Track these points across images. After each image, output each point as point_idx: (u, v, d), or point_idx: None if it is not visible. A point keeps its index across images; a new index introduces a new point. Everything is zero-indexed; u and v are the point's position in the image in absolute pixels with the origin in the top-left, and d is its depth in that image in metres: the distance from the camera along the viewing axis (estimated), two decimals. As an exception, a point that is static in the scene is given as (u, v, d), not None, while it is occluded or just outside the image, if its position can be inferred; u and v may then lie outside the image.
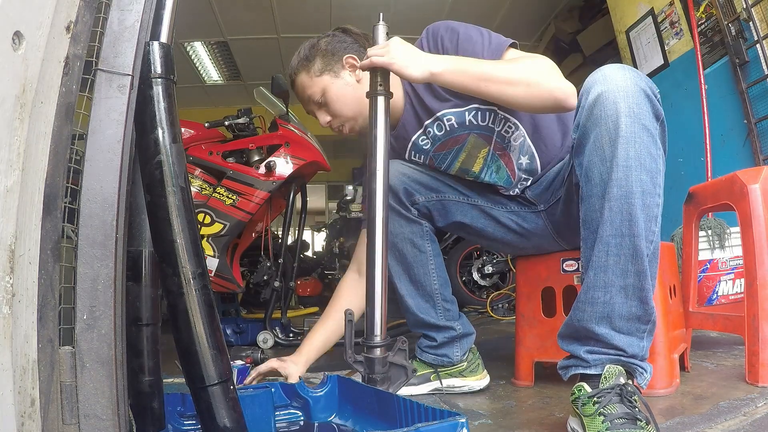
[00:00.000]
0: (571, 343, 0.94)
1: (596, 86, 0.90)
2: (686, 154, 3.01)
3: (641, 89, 0.87)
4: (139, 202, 0.75)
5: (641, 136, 0.86)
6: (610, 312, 0.88)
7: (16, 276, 0.55)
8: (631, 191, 0.85)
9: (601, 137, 0.88)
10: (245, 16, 5.05)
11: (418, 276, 1.35)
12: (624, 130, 0.85)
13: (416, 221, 1.34)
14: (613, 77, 0.88)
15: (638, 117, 0.86)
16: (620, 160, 0.86)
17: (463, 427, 0.72)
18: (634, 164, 0.85)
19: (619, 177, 0.86)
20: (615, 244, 0.87)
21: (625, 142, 0.85)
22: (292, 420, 1.09)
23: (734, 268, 1.95)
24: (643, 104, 0.86)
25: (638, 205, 0.85)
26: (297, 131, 2.45)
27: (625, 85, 0.87)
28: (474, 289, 3.72)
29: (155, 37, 0.76)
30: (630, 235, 0.86)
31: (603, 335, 0.89)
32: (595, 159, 0.89)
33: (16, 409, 0.54)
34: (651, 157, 0.86)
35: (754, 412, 1.01)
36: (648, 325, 0.90)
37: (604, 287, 0.88)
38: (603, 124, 0.88)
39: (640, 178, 0.85)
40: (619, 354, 0.88)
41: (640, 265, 0.86)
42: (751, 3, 2.54)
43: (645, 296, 0.87)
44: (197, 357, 0.71)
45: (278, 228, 4.68)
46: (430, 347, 1.38)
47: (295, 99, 1.54)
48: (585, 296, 0.91)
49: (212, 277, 2.31)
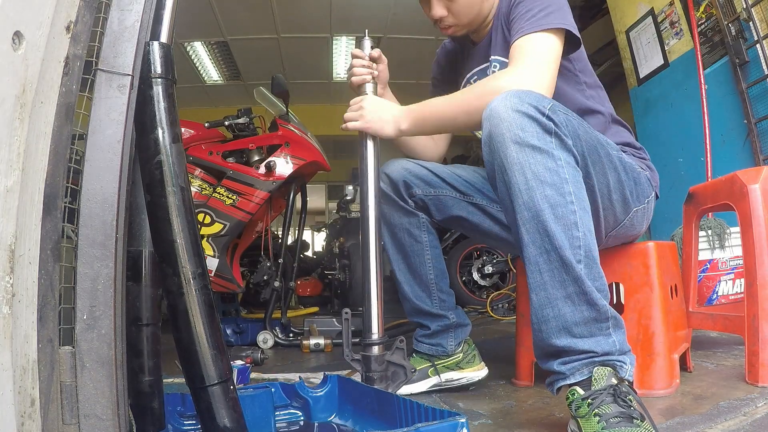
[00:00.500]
0: (546, 361, 0.95)
1: (485, 123, 0.96)
2: (686, 154, 3.01)
3: (522, 113, 0.91)
4: (139, 202, 0.75)
5: (533, 157, 0.90)
6: (564, 324, 0.90)
7: (16, 276, 0.55)
8: (540, 209, 0.89)
9: (500, 169, 0.93)
10: (245, 16, 5.05)
11: (415, 265, 1.39)
12: (514, 157, 0.91)
13: (413, 212, 1.38)
14: (496, 110, 0.93)
15: (525, 140, 0.90)
16: (521, 185, 0.90)
17: (463, 427, 0.72)
18: (534, 184, 0.90)
19: (525, 200, 0.90)
20: (543, 261, 0.90)
21: (519, 168, 0.90)
22: (292, 420, 1.09)
23: (734, 268, 1.96)
24: (527, 127, 0.91)
25: (550, 219, 0.89)
26: (297, 131, 2.45)
27: (506, 115, 0.92)
28: (474, 289, 3.72)
29: (155, 37, 0.76)
30: (553, 249, 0.89)
31: (567, 346, 0.90)
32: (502, 190, 0.95)
33: (16, 409, 0.54)
34: (550, 171, 0.90)
35: (754, 412, 1.01)
36: (608, 322, 0.90)
37: (549, 303, 0.91)
38: (497, 158, 0.93)
39: (544, 194, 0.89)
40: (590, 356, 0.89)
41: (573, 272, 0.88)
42: (751, 3, 2.54)
43: (591, 299, 0.89)
44: (197, 357, 0.71)
45: (278, 228, 4.68)
46: (425, 336, 1.41)
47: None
48: (536, 318, 0.93)
49: (212, 277, 2.31)
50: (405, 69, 6.20)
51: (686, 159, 3.01)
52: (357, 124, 1.26)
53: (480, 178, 1.40)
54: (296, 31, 5.42)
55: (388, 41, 5.52)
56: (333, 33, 5.56)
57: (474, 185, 1.39)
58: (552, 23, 1.12)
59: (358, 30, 5.57)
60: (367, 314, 1.19)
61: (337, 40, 5.74)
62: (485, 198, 1.39)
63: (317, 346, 2.18)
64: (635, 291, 1.23)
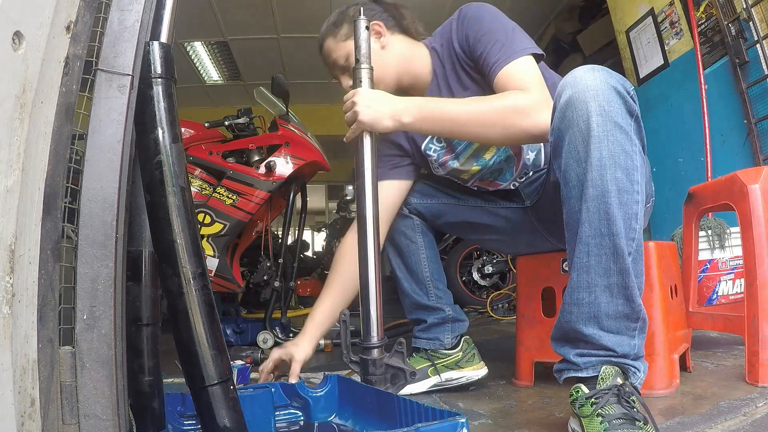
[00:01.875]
0: (563, 345, 0.94)
1: (567, 89, 0.90)
2: (686, 154, 3.01)
3: (612, 87, 0.87)
4: (139, 202, 0.75)
5: (614, 134, 0.85)
6: (596, 312, 0.88)
7: (16, 276, 0.55)
8: (607, 190, 0.85)
9: (575, 138, 0.88)
10: (245, 16, 5.05)
11: (411, 264, 1.44)
12: (596, 129, 0.85)
13: (407, 216, 1.44)
14: (583, 78, 0.89)
15: (610, 115, 0.85)
16: (594, 159, 0.86)
17: (463, 427, 0.72)
18: (608, 163, 0.85)
19: (594, 177, 0.86)
20: (595, 244, 0.87)
21: (597, 141, 0.85)
22: (292, 420, 1.09)
23: (734, 268, 1.96)
24: (614, 102, 0.86)
25: (615, 203, 0.85)
26: (297, 131, 2.45)
27: (594, 84, 0.87)
28: (474, 289, 3.72)
29: (155, 37, 0.76)
30: (609, 235, 0.86)
31: (591, 336, 0.89)
32: (570, 161, 0.90)
33: (16, 409, 0.54)
34: (626, 154, 0.86)
35: (754, 412, 1.01)
36: (638, 323, 0.89)
37: (588, 288, 0.89)
38: (575, 126, 0.88)
39: (615, 176, 0.85)
40: (609, 355, 0.88)
41: (622, 263, 0.86)
42: (751, 3, 2.54)
43: (630, 294, 0.87)
44: (197, 357, 0.71)
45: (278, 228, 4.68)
46: (422, 330, 1.43)
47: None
48: (570, 298, 0.91)
49: (212, 277, 2.31)
50: (405, 69, 6.20)
51: (686, 159, 3.01)
52: (353, 127, 1.18)
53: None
54: (296, 31, 5.41)
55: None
56: (333, 33, 5.55)
57: (464, 190, 1.44)
58: (523, 50, 1.18)
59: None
60: (365, 317, 1.19)
61: (337, 40, 5.73)
62: (476, 198, 1.44)
63: (317, 346, 2.17)
64: (635, 291, 1.23)
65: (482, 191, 1.44)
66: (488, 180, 1.39)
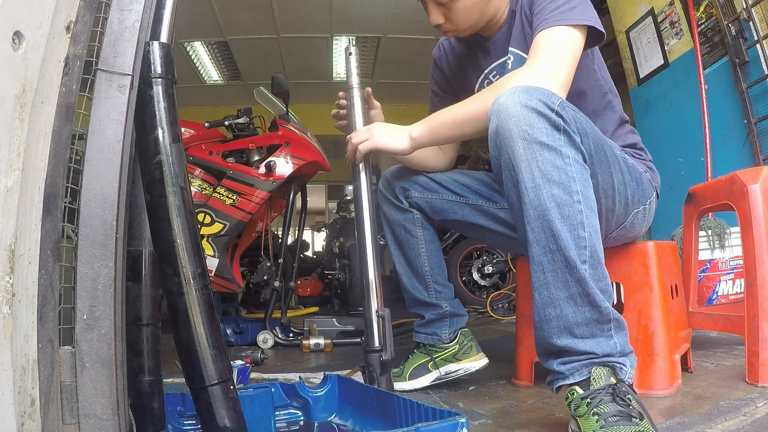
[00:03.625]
0: (546, 359, 0.95)
1: (492, 118, 0.94)
2: (686, 154, 3.01)
3: (531, 109, 0.89)
4: (139, 202, 0.75)
5: (541, 154, 0.88)
6: (565, 323, 0.89)
7: (16, 276, 0.55)
8: (546, 208, 0.88)
9: (507, 165, 0.92)
10: (245, 16, 5.05)
11: (411, 258, 1.45)
12: (522, 154, 0.89)
13: (407, 210, 1.44)
14: (504, 106, 0.91)
15: (533, 137, 0.88)
16: (527, 182, 0.89)
17: (463, 427, 0.72)
18: (542, 182, 0.88)
19: (531, 198, 0.89)
20: (548, 261, 0.89)
21: (527, 164, 0.88)
22: (292, 420, 1.09)
23: (734, 268, 1.96)
24: (535, 123, 0.89)
25: (556, 218, 0.87)
26: (297, 131, 2.45)
27: (515, 111, 0.90)
28: (474, 289, 3.72)
29: (155, 37, 0.76)
30: (558, 250, 0.88)
31: (568, 346, 0.89)
32: (509, 186, 0.93)
33: (16, 409, 0.54)
34: (557, 169, 0.88)
35: (754, 412, 1.01)
36: (610, 324, 0.90)
37: (551, 303, 0.90)
38: (505, 154, 0.92)
39: (551, 193, 0.88)
40: (590, 357, 0.89)
41: (577, 273, 0.88)
42: (751, 3, 2.54)
43: (594, 300, 0.88)
44: (197, 357, 0.71)
45: (278, 228, 4.68)
46: (421, 326, 1.45)
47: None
48: (539, 316, 0.93)
49: (212, 277, 2.31)
50: (405, 69, 6.21)
51: (686, 159, 3.01)
52: (367, 143, 1.24)
53: (476, 181, 1.43)
54: (296, 31, 5.42)
55: (388, 41, 5.51)
56: (333, 33, 5.56)
57: (470, 187, 1.43)
58: (575, 18, 1.09)
59: (358, 30, 5.58)
60: (368, 322, 1.19)
61: (337, 40, 5.73)
62: (481, 198, 1.42)
63: (317, 346, 2.18)
64: (635, 291, 1.23)
65: (482, 192, 1.43)
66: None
